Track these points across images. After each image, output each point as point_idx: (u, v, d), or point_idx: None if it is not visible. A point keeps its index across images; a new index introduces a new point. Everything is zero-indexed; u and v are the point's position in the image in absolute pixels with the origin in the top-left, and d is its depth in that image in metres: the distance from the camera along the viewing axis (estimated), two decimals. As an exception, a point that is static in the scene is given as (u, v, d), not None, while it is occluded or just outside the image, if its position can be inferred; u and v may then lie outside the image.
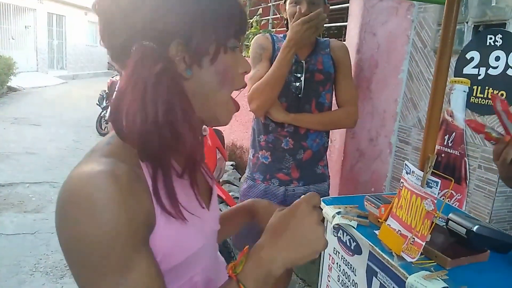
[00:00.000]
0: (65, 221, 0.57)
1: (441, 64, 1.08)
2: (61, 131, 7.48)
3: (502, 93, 2.06)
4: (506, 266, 1.11)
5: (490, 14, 2.12)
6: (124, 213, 0.56)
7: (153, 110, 0.59)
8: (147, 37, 0.62)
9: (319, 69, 1.80)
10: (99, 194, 0.55)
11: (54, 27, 18.57)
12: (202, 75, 0.67)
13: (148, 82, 0.60)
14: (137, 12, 0.62)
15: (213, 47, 0.66)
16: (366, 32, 2.52)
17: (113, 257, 0.56)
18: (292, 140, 1.82)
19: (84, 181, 0.57)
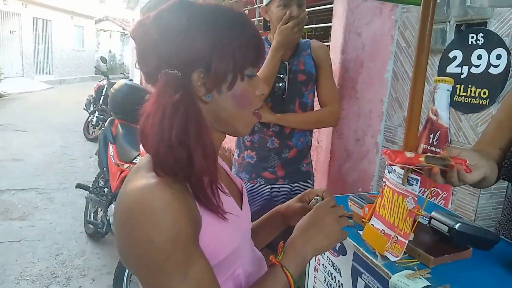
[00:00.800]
0: (130, 231, 0.66)
1: (419, 63, 1.08)
2: (48, 136, 7.39)
3: (485, 91, 2.09)
4: (489, 263, 1.11)
5: (472, 13, 2.14)
6: (182, 217, 0.66)
7: (168, 134, 0.68)
8: (173, 66, 0.71)
9: (301, 70, 1.83)
10: (159, 204, 0.64)
11: (40, 32, 18.35)
12: (220, 99, 0.76)
13: (167, 109, 0.68)
14: (164, 43, 0.71)
15: (231, 75, 0.74)
16: (351, 32, 2.53)
17: (176, 257, 0.65)
18: (277, 140, 1.85)
19: (142, 194, 0.66)
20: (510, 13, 1.96)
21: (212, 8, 0.75)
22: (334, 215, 0.86)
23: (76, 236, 3.59)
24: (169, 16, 0.73)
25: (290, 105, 1.84)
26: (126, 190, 0.69)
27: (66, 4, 19.12)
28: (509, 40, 1.96)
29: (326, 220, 0.84)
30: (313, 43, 1.90)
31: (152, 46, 0.72)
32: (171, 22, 0.72)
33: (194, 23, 0.72)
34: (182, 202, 0.67)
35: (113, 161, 3.20)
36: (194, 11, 0.73)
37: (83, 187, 3.53)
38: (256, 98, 0.81)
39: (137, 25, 0.76)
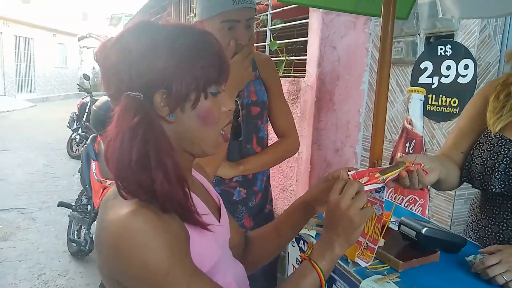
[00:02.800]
0: (124, 257, 0.66)
1: (382, 75, 1.13)
2: (30, 155, 7.30)
3: (455, 100, 2.17)
4: (456, 265, 1.15)
5: (440, 26, 2.24)
6: (171, 234, 0.68)
7: (128, 158, 0.67)
8: (133, 88, 0.71)
9: (254, 102, 1.53)
10: (146, 225, 0.66)
11: (22, 50, 18.22)
12: (185, 119, 0.75)
13: (126, 133, 0.68)
14: (124, 65, 0.71)
15: (194, 94, 0.73)
16: (326, 46, 2.60)
17: (176, 271, 0.67)
18: (244, 189, 1.59)
19: (128, 220, 0.66)
20: (475, 25, 2.05)
21: (173, 28, 0.75)
22: (355, 209, 0.81)
23: (59, 255, 3.54)
24: (129, 38, 0.72)
25: (248, 145, 1.57)
26: (109, 217, 0.69)
27: (48, 22, 19.07)
28: (475, 51, 2.05)
29: (350, 214, 0.80)
30: (257, 58, 1.57)
31: (112, 68, 0.72)
32: (131, 45, 0.71)
33: (154, 44, 0.71)
34: (166, 219, 0.69)
35: (95, 178, 3.19)
36: (155, 32, 0.73)
37: (65, 205, 3.50)
38: (222, 115, 0.79)
39: (100, 47, 0.75)
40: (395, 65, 2.55)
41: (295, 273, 0.82)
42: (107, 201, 0.74)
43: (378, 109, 1.19)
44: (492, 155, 1.19)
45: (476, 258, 1.11)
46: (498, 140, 1.19)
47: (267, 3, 3.44)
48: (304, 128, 2.79)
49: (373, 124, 1.24)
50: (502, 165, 1.16)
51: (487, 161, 1.19)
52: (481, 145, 1.23)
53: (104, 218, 0.70)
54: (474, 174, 1.23)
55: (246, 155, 1.56)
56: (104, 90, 0.76)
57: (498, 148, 1.18)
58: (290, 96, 2.98)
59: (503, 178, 1.15)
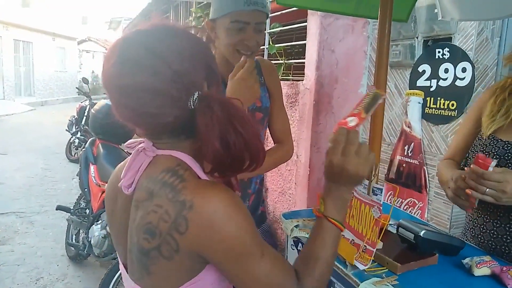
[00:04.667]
0: (219, 231, 0.73)
1: (379, 78, 1.13)
2: (29, 159, 7.29)
3: (453, 103, 2.17)
4: (455, 268, 1.15)
5: (437, 29, 2.24)
6: (247, 209, 0.78)
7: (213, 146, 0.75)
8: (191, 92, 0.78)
9: (258, 108, 1.55)
10: (234, 200, 0.76)
11: (21, 54, 18.23)
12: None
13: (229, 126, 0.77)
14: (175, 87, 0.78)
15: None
16: (325, 49, 2.61)
17: (255, 240, 0.76)
18: (239, 192, 1.61)
19: (219, 200, 0.74)
20: (472, 28, 2.06)
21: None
22: (362, 164, 0.84)
23: (57, 259, 3.53)
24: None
25: None
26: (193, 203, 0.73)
27: (47, 26, 19.09)
28: (472, 54, 2.05)
29: (358, 171, 0.84)
30: (262, 65, 1.59)
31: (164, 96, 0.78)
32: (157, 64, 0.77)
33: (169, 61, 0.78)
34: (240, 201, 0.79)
35: (94, 182, 3.19)
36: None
37: (64, 209, 3.49)
38: None
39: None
40: (393, 68, 2.55)
41: (317, 234, 0.86)
42: (173, 185, 0.76)
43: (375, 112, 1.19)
44: (485, 154, 1.23)
45: (472, 260, 1.11)
46: (491, 140, 1.24)
47: (265, 7, 3.44)
48: (303, 131, 2.79)
49: (371, 127, 1.24)
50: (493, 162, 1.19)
51: None
52: (475, 146, 1.28)
53: (184, 199, 0.74)
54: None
55: None
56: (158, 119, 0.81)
57: (490, 147, 1.23)
58: (288, 99, 2.98)
59: None
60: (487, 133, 1.24)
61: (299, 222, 1.39)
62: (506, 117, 1.21)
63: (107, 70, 0.76)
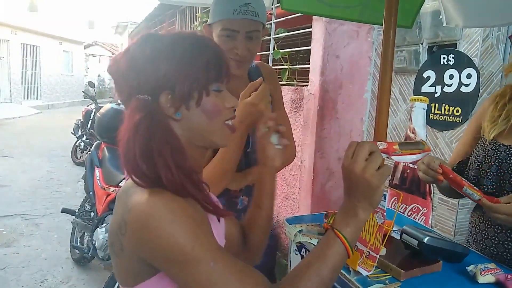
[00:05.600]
0: (152, 235, 0.71)
1: (384, 83, 1.14)
2: (34, 162, 7.33)
3: (458, 109, 2.16)
4: (458, 275, 1.15)
5: (442, 35, 2.25)
6: (194, 211, 0.75)
7: (132, 151, 0.75)
8: (142, 92, 0.79)
9: None
10: (171, 204, 0.73)
11: (28, 57, 18.39)
12: (190, 115, 0.81)
13: (130, 130, 0.76)
14: (132, 72, 0.79)
15: (196, 92, 0.80)
16: (329, 55, 2.61)
17: (202, 244, 0.72)
18: (246, 197, 1.61)
19: (154, 201, 0.73)
20: (478, 34, 2.06)
21: (173, 35, 0.83)
22: (371, 170, 0.77)
23: (61, 262, 3.54)
24: (135, 48, 0.81)
25: (253, 155, 1.52)
26: (134, 201, 0.75)
27: (54, 30, 19.25)
28: (477, 60, 2.05)
29: (355, 170, 0.77)
30: (262, 70, 1.58)
31: (122, 77, 0.81)
32: (136, 54, 0.80)
33: (157, 51, 0.80)
34: (183, 201, 0.75)
35: (99, 185, 3.21)
36: (157, 40, 0.82)
37: (69, 212, 3.51)
38: (226, 110, 0.85)
39: (112, 60, 0.85)
40: (398, 74, 2.55)
41: (319, 244, 0.81)
42: (127, 189, 0.79)
43: (379, 118, 1.20)
44: (487, 158, 1.26)
45: (476, 267, 1.11)
46: (493, 145, 1.26)
47: (271, 12, 3.46)
48: (307, 137, 2.79)
49: (375, 133, 1.25)
50: (494, 166, 1.24)
51: (482, 164, 1.27)
52: (477, 152, 1.30)
53: (128, 202, 0.75)
54: (469, 177, 1.31)
55: (252, 165, 1.56)
56: (118, 97, 0.86)
57: (492, 152, 1.26)
58: (293, 105, 2.99)
59: (495, 179, 1.23)
60: (490, 137, 1.27)
61: (302, 227, 1.39)
62: (506, 121, 1.24)
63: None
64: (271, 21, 3.52)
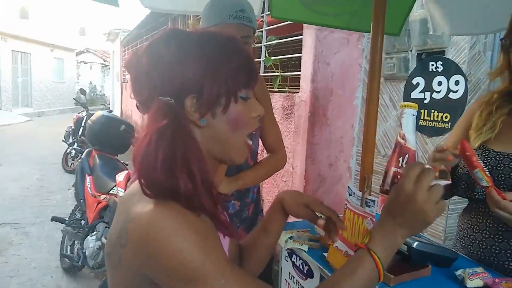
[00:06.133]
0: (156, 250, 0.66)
1: (372, 90, 1.15)
2: (24, 169, 7.25)
3: (446, 115, 2.19)
4: (447, 279, 1.16)
5: (431, 42, 2.28)
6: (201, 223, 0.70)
7: (154, 159, 0.69)
8: (165, 93, 0.72)
9: None
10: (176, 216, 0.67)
11: (19, 65, 18.27)
12: (215, 123, 0.76)
13: (153, 135, 0.70)
14: (156, 71, 0.73)
15: (224, 98, 0.74)
16: (320, 62, 2.64)
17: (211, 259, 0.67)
18: (238, 202, 1.67)
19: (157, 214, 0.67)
20: (465, 42, 2.09)
21: (201, 33, 0.76)
22: (432, 203, 0.71)
23: (51, 271, 3.50)
24: (159, 45, 0.74)
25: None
26: (137, 210, 0.69)
27: (46, 37, 19.17)
28: (465, 67, 2.09)
29: (417, 199, 0.71)
30: None
31: (145, 75, 0.74)
32: (161, 51, 0.73)
33: (184, 50, 0.73)
34: (193, 215, 0.70)
35: (90, 193, 3.18)
36: (183, 38, 0.75)
37: (59, 220, 3.47)
38: (251, 120, 0.80)
39: (131, 56, 0.78)
40: (388, 80, 2.58)
41: (351, 261, 0.76)
42: (130, 197, 0.75)
43: (368, 124, 1.21)
44: None
45: (465, 272, 1.11)
46: (482, 151, 1.25)
47: (262, 20, 3.49)
48: (298, 143, 2.80)
49: (364, 139, 1.26)
50: None
51: None
52: None
53: (130, 211, 0.70)
54: (459, 183, 1.30)
55: (242, 169, 1.61)
56: (134, 97, 0.78)
57: (481, 158, 1.24)
58: (284, 111, 3.00)
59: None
60: (474, 145, 1.26)
61: (293, 233, 1.39)
62: (492, 130, 1.23)
63: None
64: (263, 29, 3.55)
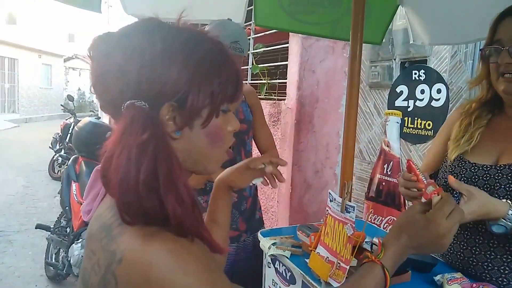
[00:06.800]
0: None
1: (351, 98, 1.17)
2: (9, 176, 7.15)
3: (429, 122, 2.23)
4: (427, 285, 1.17)
5: (413, 51, 2.32)
6: (200, 257, 0.60)
7: (135, 180, 0.58)
8: (140, 96, 0.61)
9: (241, 119, 1.78)
10: (175, 253, 0.57)
11: (6, 71, 18.08)
12: (192, 136, 0.66)
13: (133, 151, 0.58)
14: (132, 68, 0.61)
15: (206, 111, 0.65)
16: (306, 69, 2.67)
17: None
18: (235, 193, 1.78)
19: (153, 250, 0.57)
20: (446, 51, 2.14)
21: (191, 34, 0.66)
22: (452, 223, 0.80)
23: (35, 279, 3.44)
24: (140, 37, 0.63)
25: (237, 156, 1.81)
26: (124, 247, 0.58)
27: (33, 43, 19.01)
28: (447, 76, 2.13)
29: (443, 241, 0.79)
30: (244, 88, 1.82)
31: (117, 69, 0.61)
32: (143, 44, 0.62)
33: (171, 49, 0.62)
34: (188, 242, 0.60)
35: (76, 200, 3.16)
36: (171, 36, 0.64)
37: (43, 228, 3.43)
38: (227, 134, 0.73)
39: (97, 41, 0.64)
40: (373, 88, 2.62)
41: (365, 276, 0.80)
42: (108, 229, 0.63)
43: (348, 130, 1.23)
44: (453, 175, 1.23)
45: (443, 277, 1.13)
46: (459, 162, 1.25)
47: (249, 28, 3.52)
48: (285, 150, 2.82)
49: (343, 146, 1.28)
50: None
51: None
52: (444, 167, 1.29)
53: (115, 249, 0.59)
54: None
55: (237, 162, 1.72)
56: (98, 95, 0.66)
57: (458, 169, 1.24)
58: (271, 118, 3.02)
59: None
60: (451, 157, 1.26)
61: (276, 239, 1.39)
62: (469, 142, 1.22)
63: None
64: (250, 37, 3.58)
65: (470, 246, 1.22)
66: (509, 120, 1.24)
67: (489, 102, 1.28)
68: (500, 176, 1.16)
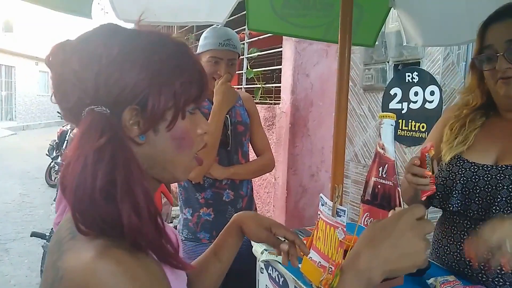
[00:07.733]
0: None
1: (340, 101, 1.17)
2: (6, 184, 7.13)
3: (423, 125, 2.23)
4: (420, 288, 1.16)
5: (406, 53, 2.33)
6: (149, 277, 0.57)
7: (91, 186, 0.55)
8: (99, 102, 0.59)
9: (239, 121, 1.88)
10: (119, 270, 0.53)
11: (3, 78, 18.08)
12: (157, 140, 0.64)
13: (89, 157, 0.56)
14: (89, 73, 0.59)
15: (171, 113, 0.63)
16: (299, 73, 2.67)
17: None
18: (232, 191, 1.85)
19: (96, 266, 0.53)
20: (439, 53, 2.14)
21: (149, 35, 0.65)
22: (420, 231, 0.61)
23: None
24: (96, 43, 0.61)
25: (235, 156, 1.86)
26: (68, 264, 0.56)
27: (30, 50, 19.03)
28: (440, 77, 2.13)
29: (408, 236, 0.60)
30: (242, 95, 1.97)
31: (74, 76, 0.60)
32: (99, 49, 0.60)
33: (128, 53, 0.61)
34: (141, 258, 0.57)
35: (70, 207, 3.14)
36: (128, 37, 0.63)
37: (39, 235, 3.41)
38: (197, 138, 0.70)
39: (55, 50, 0.63)
40: (367, 91, 2.62)
41: None
42: (60, 243, 0.60)
43: (337, 133, 1.23)
44: (451, 175, 1.23)
45: (436, 280, 1.12)
46: (457, 160, 1.24)
47: (243, 33, 3.52)
48: (280, 154, 2.82)
49: (333, 149, 1.27)
50: (459, 184, 1.19)
51: (446, 180, 1.23)
52: (441, 166, 1.28)
53: (59, 266, 0.56)
54: (434, 194, 1.26)
55: (233, 164, 1.84)
56: (58, 103, 0.64)
57: (456, 168, 1.23)
58: (266, 122, 3.02)
59: (460, 197, 1.19)
60: (446, 158, 1.25)
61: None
62: (464, 143, 1.22)
63: None
64: (244, 41, 3.58)
65: (456, 241, 1.22)
66: (505, 121, 1.23)
67: (482, 106, 1.27)
68: (503, 177, 1.14)
